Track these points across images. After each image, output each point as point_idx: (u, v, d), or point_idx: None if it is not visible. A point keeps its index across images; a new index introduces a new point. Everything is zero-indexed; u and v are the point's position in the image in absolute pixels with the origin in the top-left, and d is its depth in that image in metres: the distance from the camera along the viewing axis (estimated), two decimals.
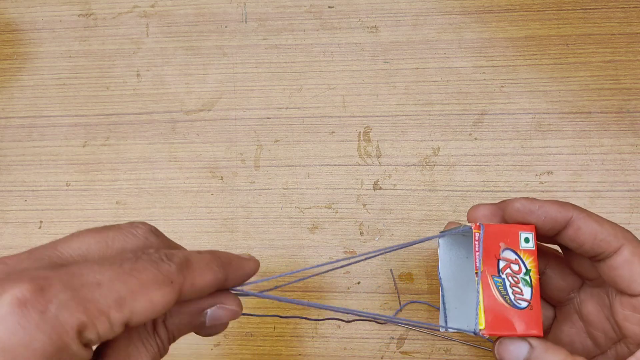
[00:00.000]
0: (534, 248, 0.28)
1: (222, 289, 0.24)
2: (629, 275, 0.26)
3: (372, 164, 0.41)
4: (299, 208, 0.41)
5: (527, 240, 0.28)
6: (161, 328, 0.23)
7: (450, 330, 0.29)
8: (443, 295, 0.31)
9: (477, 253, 0.27)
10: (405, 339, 0.39)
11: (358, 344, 0.39)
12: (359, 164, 0.41)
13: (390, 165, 0.41)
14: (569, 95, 0.41)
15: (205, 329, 0.25)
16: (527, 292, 0.27)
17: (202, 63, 0.44)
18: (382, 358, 0.39)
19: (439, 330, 0.31)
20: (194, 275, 0.22)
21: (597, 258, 0.28)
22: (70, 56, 0.45)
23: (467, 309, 0.29)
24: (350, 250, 0.41)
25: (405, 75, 0.42)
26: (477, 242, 0.27)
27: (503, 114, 0.41)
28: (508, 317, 0.27)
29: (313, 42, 0.43)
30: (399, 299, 0.39)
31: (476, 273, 0.27)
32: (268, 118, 0.43)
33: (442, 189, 0.40)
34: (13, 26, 0.46)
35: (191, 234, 0.42)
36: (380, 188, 0.41)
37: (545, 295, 0.32)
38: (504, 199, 0.30)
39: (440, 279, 0.31)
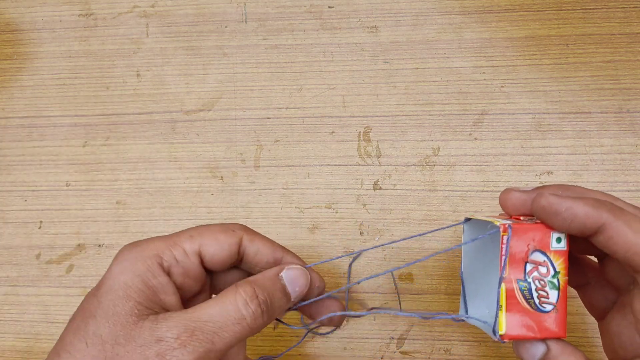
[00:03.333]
0: (565, 248, 0.26)
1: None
2: None
3: (372, 164, 0.41)
4: (299, 208, 0.41)
5: (559, 240, 0.26)
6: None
7: (471, 320, 0.28)
8: (463, 286, 0.30)
9: (504, 257, 0.26)
10: (405, 338, 0.39)
11: (358, 343, 0.39)
12: (359, 164, 0.41)
13: (390, 165, 0.41)
14: (569, 95, 0.41)
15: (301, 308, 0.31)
16: (553, 296, 0.26)
17: (202, 63, 0.44)
18: (382, 358, 0.39)
19: (462, 320, 0.29)
20: (253, 235, 0.30)
21: (633, 270, 0.25)
22: (70, 56, 0.45)
23: (486, 302, 0.29)
24: (350, 251, 0.41)
25: (405, 75, 0.42)
26: (504, 246, 0.26)
27: (503, 114, 0.41)
28: (530, 320, 0.26)
29: (313, 42, 0.43)
30: (399, 299, 0.39)
31: (500, 277, 0.26)
32: (268, 118, 0.43)
33: (442, 189, 0.40)
34: (13, 26, 0.46)
35: None
36: (380, 188, 0.41)
37: (609, 278, 0.29)
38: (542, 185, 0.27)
39: (462, 267, 0.30)
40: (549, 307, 0.26)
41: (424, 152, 0.41)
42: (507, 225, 0.26)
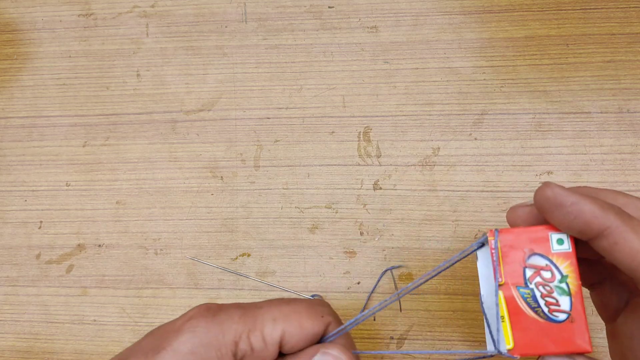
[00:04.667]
0: (570, 250, 0.24)
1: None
2: None
3: (372, 164, 0.41)
4: (299, 208, 0.41)
5: (560, 241, 0.24)
6: None
7: (502, 353, 0.24)
8: (485, 314, 0.26)
9: (495, 263, 0.24)
10: (405, 338, 0.39)
11: (358, 344, 0.39)
12: (359, 164, 0.41)
13: (390, 165, 0.41)
14: (569, 95, 0.41)
15: None
16: (564, 302, 0.24)
17: (202, 63, 0.44)
18: (382, 358, 0.39)
19: (488, 356, 0.25)
20: (339, 323, 0.25)
21: (637, 281, 0.23)
22: (70, 56, 0.45)
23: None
24: (350, 251, 0.40)
25: (405, 75, 0.42)
26: (493, 251, 0.24)
27: (503, 114, 0.41)
28: (543, 332, 0.23)
29: (313, 42, 0.43)
30: (399, 300, 0.39)
31: (495, 285, 0.24)
32: (268, 118, 0.43)
33: (442, 189, 0.40)
34: (13, 26, 0.46)
35: (191, 234, 0.42)
36: (380, 188, 0.41)
37: (621, 278, 0.27)
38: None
39: (481, 296, 0.26)
40: (562, 316, 0.23)
41: (424, 152, 0.41)
42: (493, 230, 0.24)
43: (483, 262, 0.26)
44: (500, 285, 0.24)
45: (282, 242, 0.41)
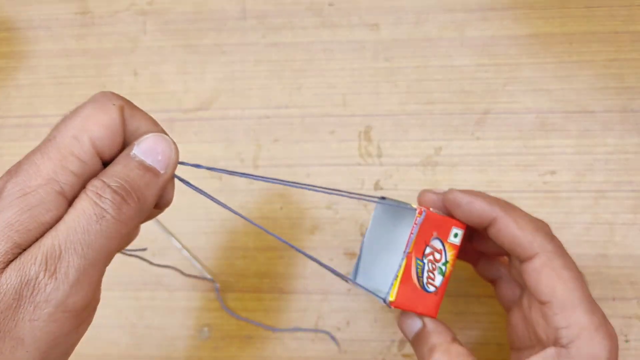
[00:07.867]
0: (458, 244, 0.31)
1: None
2: (535, 284, 0.28)
3: (373, 164, 0.41)
4: (298, 208, 0.41)
5: (456, 235, 0.31)
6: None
7: (357, 285, 0.31)
8: (362, 250, 0.33)
9: (412, 235, 0.30)
10: (407, 341, 0.38)
11: (358, 346, 0.39)
12: (359, 164, 0.41)
13: (392, 165, 0.41)
14: (573, 94, 0.40)
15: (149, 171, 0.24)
16: (438, 280, 0.31)
17: (200, 61, 0.44)
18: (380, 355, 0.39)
19: (347, 281, 0.32)
20: (133, 107, 0.25)
21: (517, 260, 0.30)
22: (66, 55, 0.45)
23: (377, 273, 0.32)
24: (351, 252, 0.40)
25: (407, 73, 0.42)
26: (415, 225, 0.30)
27: (506, 113, 0.40)
28: (415, 296, 0.30)
29: (313, 40, 0.43)
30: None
31: (404, 251, 0.30)
32: (267, 117, 0.42)
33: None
34: (9, 24, 0.46)
35: (190, 235, 0.41)
36: (382, 188, 0.41)
37: (513, 276, 0.34)
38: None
39: (365, 235, 0.33)
40: (432, 289, 0.31)
41: (425, 151, 0.41)
42: (422, 210, 0.30)
43: (379, 211, 0.33)
44: (406, 252, 0.30)
45: (282, 243, 0.40)
